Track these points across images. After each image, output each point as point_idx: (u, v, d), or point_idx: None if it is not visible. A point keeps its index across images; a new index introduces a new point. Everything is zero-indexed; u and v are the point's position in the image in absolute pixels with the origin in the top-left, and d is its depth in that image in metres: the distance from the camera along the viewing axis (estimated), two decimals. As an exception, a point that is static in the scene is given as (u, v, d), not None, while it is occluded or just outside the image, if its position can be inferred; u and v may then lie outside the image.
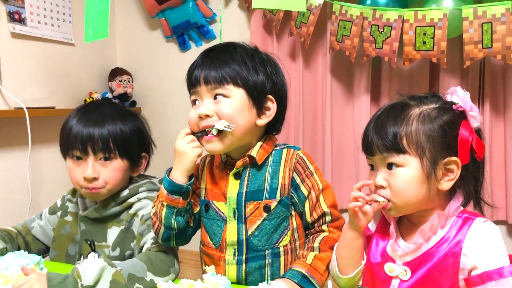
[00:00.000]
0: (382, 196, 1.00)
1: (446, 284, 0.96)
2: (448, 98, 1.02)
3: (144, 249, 1.24)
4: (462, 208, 1.02)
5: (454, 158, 0.97)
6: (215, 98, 1.13)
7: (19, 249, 1.34)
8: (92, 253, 1.31)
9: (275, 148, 1.22)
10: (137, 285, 1.08)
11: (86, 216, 1.34)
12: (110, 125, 1.29)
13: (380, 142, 0.98)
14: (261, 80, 1.16)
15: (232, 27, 2.67)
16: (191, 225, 1.23)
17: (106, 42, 2.94)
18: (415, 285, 0.98)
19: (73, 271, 1.04)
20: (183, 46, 2.86)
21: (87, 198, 1.35)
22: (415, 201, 0.98)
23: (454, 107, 0.99)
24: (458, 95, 1.00)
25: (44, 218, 1.43)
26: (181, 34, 2.84)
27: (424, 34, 1.95)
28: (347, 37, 2.14)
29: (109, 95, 2.84)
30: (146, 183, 1.38)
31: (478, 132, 1.01)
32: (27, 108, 2.23)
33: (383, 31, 2.04)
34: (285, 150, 1.20)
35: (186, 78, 1.20)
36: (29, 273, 1.04)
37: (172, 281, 1.13)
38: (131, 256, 1.29)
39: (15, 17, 2.28)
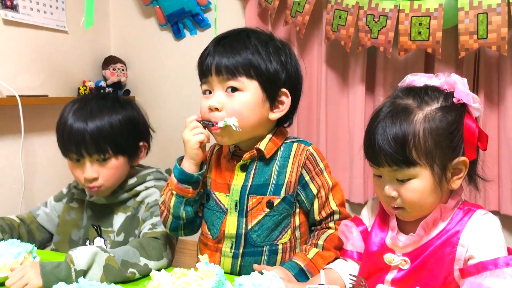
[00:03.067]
0: (396, 208, 0.99)
1: (441, 273, 0.96)
2: (445, 86, 1.00)
3: (141, 234, 1.25)
4: (463, 200, 1.02)
5: (462, 159, 0.95)
6: (226, 90, 1.09)
7: (20, 239, 1.34)
8: (98, 238, 1.33)
9: (285, 141, 1.17)
10: (131, 269, 1.09)
11: (93, 201, 1.35)
12: (99, 123, 1.27)
13: (388, 155, 0.94)
14: (275, 70, 1.10)
15: (227, 16, 2.65)
16: (200, 215, 1.21)
17: (100, 30, 2.91)
18: (411, 273, 0.99)
19: (66, 257, 1.05)
20: (178, 35, 2.84)
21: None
22: (429, 206, 0.98)
23: (455, 101, 0.97)
24: (459, 88, 0.97)
25: (49, 205, 1.45)
26: (175, 23, 2.82)
27: (420, 24, 1.95)
28: (342, 27, 2.13)
29: (102, 83, 2.82)
30: (153, 172, 1.39)
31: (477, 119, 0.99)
32: (20, 96, 2.21)
33: (378, 21, 2.03)
34: (295, 145, 1.16)
35: (197, 65, 1.15)
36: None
37: (165, 268, 1.14)
38: None
39: (7, 4, 2.25)
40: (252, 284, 0.84)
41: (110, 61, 2.87)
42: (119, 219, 1.33)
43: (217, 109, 1.08)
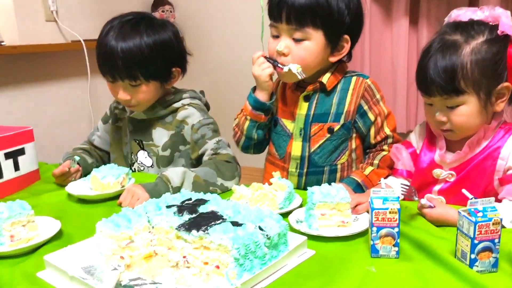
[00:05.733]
0: (445, 130, 1.12)
1: (482, 183, 1.12)
2: (489, 19, 1.09)
3: (205, 158, 1.38)
4: (504, 120, 1.14)
5: (506, 84, 1.07)
6: (294, 38, 1.22)
7: (97, 161, 1.54)
8: (141, 151, 1.49)
9: (345, 75, 1.31)
10: (211, 188, 1.27)
11: (133, 117, 1.49)
12: (130, 47, 1.31)
13: (439, 86, 1.06)
14: (340, 15, 1.20)
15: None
16: (267, 137, 1.40)
17: (148, -27, 3.01)
18: (456, 184, 1.14)
19: (160, 177, 1.24)
20: (222, -26, 2.89)
21: None
22: (475, 128, 1.11)
23: (499, 33, 1.06)
24: (503, 21, 1.07)
25: (100, 128, 1.60)
26: (219, -39, 2.87)
27: (466, -47, 1.95)
28: (387, -41, 2.15)
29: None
30: (188, 91, 1.50)
31: None
32: (84, 40, 2.39)
33: (424, -49, 2.04)
34: (354, 78, 1.31)
35: (267, 5, 1.25)
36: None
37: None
38: (180, 157, 1.46)
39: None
40: (321, 192, 1.00)
41: (158, 3, 2.99)
42: (158, 133, 1.46)
43: (284, 54, 1.23)
